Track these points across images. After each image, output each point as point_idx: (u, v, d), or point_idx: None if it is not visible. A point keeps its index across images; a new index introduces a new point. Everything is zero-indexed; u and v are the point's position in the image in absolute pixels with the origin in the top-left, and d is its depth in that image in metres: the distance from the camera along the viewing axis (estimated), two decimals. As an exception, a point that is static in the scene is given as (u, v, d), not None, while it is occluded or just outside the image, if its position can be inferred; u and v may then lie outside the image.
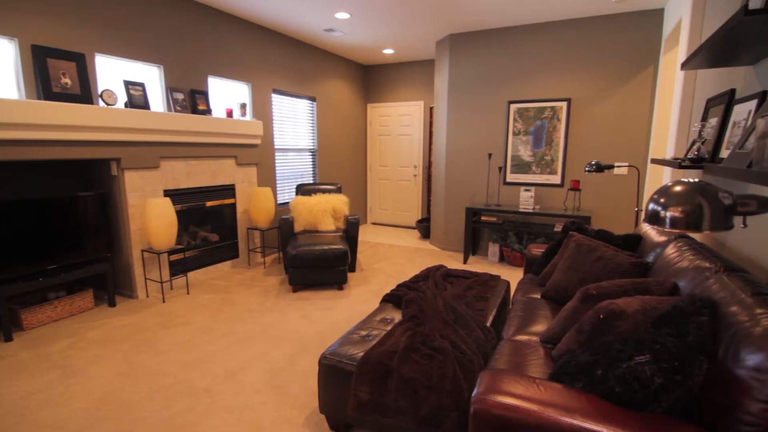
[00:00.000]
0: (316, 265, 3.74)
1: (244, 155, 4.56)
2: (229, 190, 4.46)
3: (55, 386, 2.31)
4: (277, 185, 5.30)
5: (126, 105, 3.42)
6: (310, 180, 5.98)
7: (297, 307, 3.46)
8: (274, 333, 2.99)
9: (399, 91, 6.76)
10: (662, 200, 1.21)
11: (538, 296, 2.59)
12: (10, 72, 2.86)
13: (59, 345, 2.79)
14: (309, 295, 3.77)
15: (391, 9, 4.17)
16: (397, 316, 2.32)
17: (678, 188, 1.19)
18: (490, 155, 4.84)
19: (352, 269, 4.47)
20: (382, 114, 6.99)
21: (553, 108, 4.64)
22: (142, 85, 3.52)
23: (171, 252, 3.62)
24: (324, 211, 4.42)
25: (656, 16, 4.09)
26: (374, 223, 7.40)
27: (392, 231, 6.79)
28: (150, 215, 3.44)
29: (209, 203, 4.26)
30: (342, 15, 4.36)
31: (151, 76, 3.75)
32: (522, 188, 4.67)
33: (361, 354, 1.86)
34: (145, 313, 3.34)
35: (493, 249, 4.99)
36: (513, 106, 4.84)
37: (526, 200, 4.60)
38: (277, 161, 5.25)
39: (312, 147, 5.91)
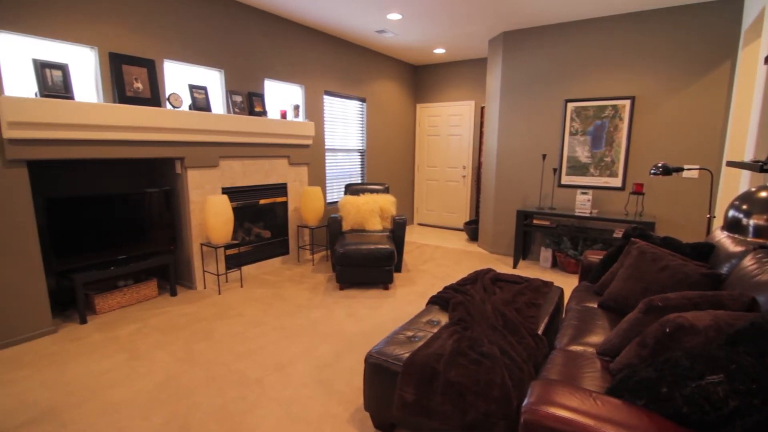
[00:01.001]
0: (363, 264, 3.78)
1: (297, 155, 4.70)
2: (281, 189, 4.62)
3: (123, 367, 2.50)
4: (327, 184, 5.42)
5: (190, 107, 3.64)
6: (358, 180, 6.06)
7: (344, 305, 3.52)
8: (321, 329, 3.05)
9: (449, 91, 6.68)
10: (745, 207, 1.10)
11: (595, 305, 2.45)
12: (90, 78, 3.13)
13: (126, 329, 3.02)
14: (355, 293, 3.81)
15: (444, 9, 4.12)
16: (443, 318, 2.29)
17: (764, 194, 1.08)
18: (544, 156, 4.66)
19: (398, 269, 4.47)
20: (432, 114, 6.94)
21: (614, 107, 4.38)
22: (204, 88, 3.74)
23: (227, 246, 3.82)
24: (371, 211, 4.46)
25: (735, 4, 3.73)
26: (421, 224, 7.36)
27: (439, 232, 6.72)
28: (209, 211, 3.64)
29: (262, 201, 4.43)
30: (394, 16, 4.38)
31: (212, 80, 3.97)
32: (578, 191, 4.44)
33: (407, 355, 1.85)
34: (202, 303, 3.53)
35: (546, 254, 4.79)
36: (570, 105, 4.62)
37: (582, 204, 4.37)
38: (327, 161, 5.37)
39: (361, 147, 5.99)
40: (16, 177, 2.72)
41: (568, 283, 4.20)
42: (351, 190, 4.82)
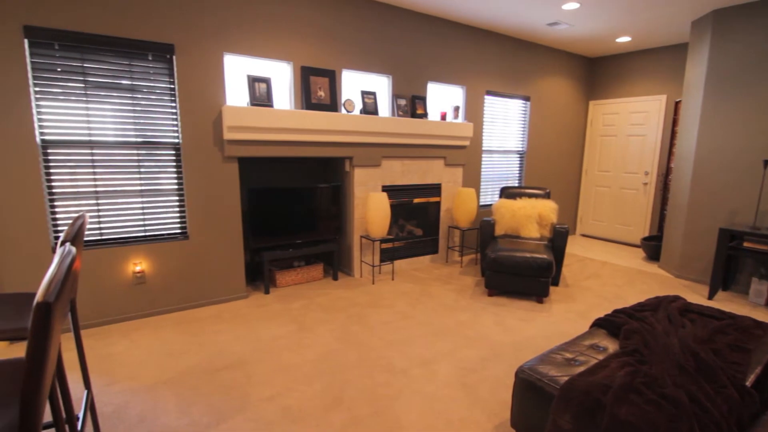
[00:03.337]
0: (516, 272, 3.57)
1: (453, 156, 4.72)
2: (435, 189, 4.70)
3: (293, 336, 2.89)
4: (481, 186, 5.30)
5: (361, 111, 3.99)
6: (515, 183, 5.75)
7: (491, 312, 3.38)
8: (466, 332, 2.99)
9: (632, 85, 5.80)
10: None
11: None
12: (285, 88, 3.70)
13: (297, 304, 3.48)
14: (505, 301, 3.63)
15: (634, -11, 3.58)
16: (611, 345, 1.99)
17: None
18: (766, 162, 3.65)
19: (555, 283, 4.09)
20: (608, 112, 6.14)
21: None
22: (374, 93, 4.05)
23: (383, 240, 4.08)
24: (528, 217, 4.18)
25: None
26: (584, 235, 6.60)
27: (607, 246, 5.91)
28: (370, 207, 3.93)
29: (416, 200, 4.58)
30: (570, 6, 4.00)
31: (381, 85, 4.27)
32: (821, 209, 3.34)
33: (566, 378, 1.66)
34: (358, 290, 3.84)
35: (759, 287, 3.75)
36: (815, 96, 3.50)
37: (827, 226, 3.27)
38: (483, 163, 5.25)
39: (520, 149, 5.67)
40: (230, 171, 3.40)
41: (795, 329, 3.20)
42: (507, 193, 4.60)
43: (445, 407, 2.12)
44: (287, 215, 3.84)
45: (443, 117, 4.54)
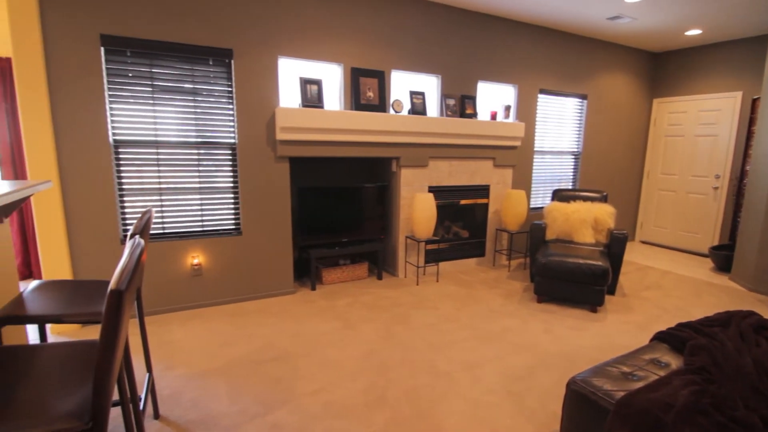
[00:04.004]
0: (568, 278, 3.41)
1: (502, 157, 4.60)
2: (483, 190, 4.60)
3: (338, 333, 2.94)
4: (532, 189, 5.12)
5: (409, 112, 3.99)
6: (569, 185, 5.50)
7: (540, 319, 3.26)
8: (513, 338, 2.90)
9: (703, 81, 5.36)
10: None
11: None
12: (335, 89, 3.77)
13: (342, 301, 3.54)
14: (555, 308, 3.48)
15: (708, -23, 3.30)
16: (674, 362, 1.85)
17: None
18: None
19: (611, 292, 3.86)
20: (674, 110, 5.72)
21: None
22: (422, 94, 4.03)
23: (428, 241, 4.04)
24: (583, 221, 3.98)
25: None
26: (645, 242, 6.19)
27: (670, 254, 5.51)
28: (416, 207, 3.92)
29: (463, 201, 4.50)
30: (633, -3, 3.77)
31: (430, 85, 4.24)
32: None
33: (622, 394, 1.57)
34: (402, 291, 3.84)
35: None
36: None
37: None
38: (534, 164, 5.06)
39: (575, 149, 5.41)
40: (282, 170, 3.52)
41: None
42: (560, 196, 4.41)
43: (489, 414, 2.07)
44: (334, 214, 3.91)
45: (493, 117, 4.43)
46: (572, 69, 5.09)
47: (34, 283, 1.70)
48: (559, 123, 5.19)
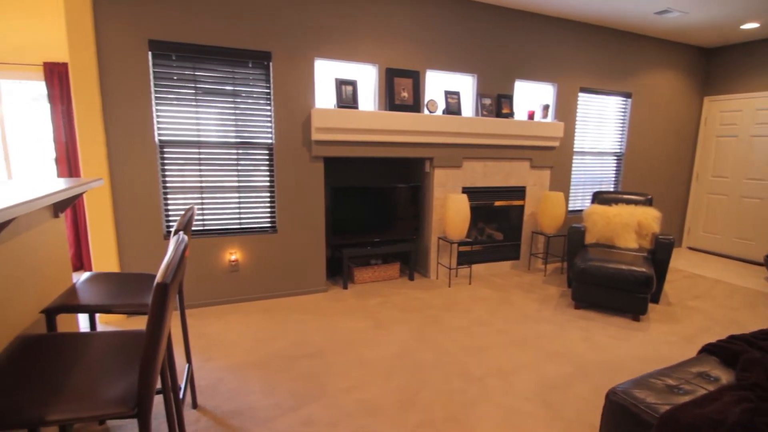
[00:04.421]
0: (609, 285, 3.27)
1: (540, 158, 4.47)
2: (518, 192, 4.49)
3: (370, 332, 2.95)
4: (571, 191, 4.95)
5: (444, 112, 3.95)
6: (610, 187, 5.28)
7: (578, 326, 3.14)
8: (549, 345, 2.81)
9: (761, 78, 5.01)
10: None
11: None
12: (370, 90, 3.79)
13: (374, 301, 3.55)
14: (594, 316, 3.35)
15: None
16: (725, 376, 1.73)
17: None
18: None
19: (655, 300, 3.67)
20: (728, 109, 5.37)
21: None
22: (457, 93, 3.98)
23: (461, 243, 3.99)
24: (625, 225, 3.81)
25: None
26: (692, 249, 5.85)
27: (722, 262, 5.18)
28: (449, 208, 3.87)
29: (497, 203, 4.41)
30: (684, -10, 3.57)
31: (465, 85, 4.18)
32: None
33: (667, 408, 1.48)
34: (434, 292, 3.81)
35: None
36: None
37: None
38: (573, 165, 4.89)
39: (618, 150, 5.19)
40: (316, 170, 3.57)
41: None
42: (600, 198, 4.25)
43: (523, 422, 2.01)
44: (367, 214, 3.93)
45: (531, 116, 4.32)
46: (616, 66, 4.88)
47: (85, 275, 1.81)
48: (601, 122, 4.99)
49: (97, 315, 2.96)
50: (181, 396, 1.77)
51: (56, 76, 3.77)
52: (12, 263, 1.46)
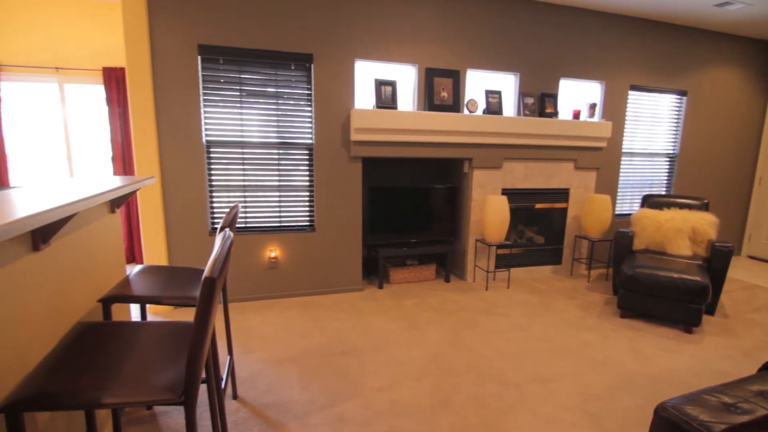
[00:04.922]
0: (659, 294, 3.10)
1: (585, 159, 4.30)
2: (561, 194, 4.34)
3: (404, 332, 2.95)
4: (618, 193, 4.72)
5: (484, 111, 3.88)
6: (662, 191, 5.00)
7: (624, 336, 2.99)
8: (592, 354, 2.70)
9: (838, 73, 4.57)
10: None
11: None
12: (409, 90, 3.79)
13: (409, 302, 3.54)
14: (641, 326, 3.18)
15: None
16: (792, 397, 1.59)
17: None
18: None
19: (711, 311, 3.44)
20: (797, 107, 4.94)
21: None
22: (498, 93, 3.90)
23: (499, 246, 3.90)
24: (678, 231, 3.59)
25: None
26: (753, 258, 5.42)
27: (786, 273, 4.77)
28: (488, 210, 3.80)
29: (539, 205, 4.28)
30: (750, -21, 3.31)
31: (507, 84, 4.09)
32: None
33: (723, 427, 1.38)
34: (470, 295, 3.75)
35: None
36: None
37: None
38: (621, 166, 4.66)
39: (671, 151, 4.90)
40: (355, 170, 3.61)
41: None
42: (651, 202, 4.02)
43: (563, 433, 1.94)
44: (404, 214, 3.93)
45: (576, 116, 4.16)
46: (669, 63, 4.61)
47: (137, 267, 1.92)
48: (653, 122, 4.73)
49: (147, 305, 3.14)
50: (222, 386, 1.84)
51: (114, 80, 4.03)
52: (74, 254, 1.57)
